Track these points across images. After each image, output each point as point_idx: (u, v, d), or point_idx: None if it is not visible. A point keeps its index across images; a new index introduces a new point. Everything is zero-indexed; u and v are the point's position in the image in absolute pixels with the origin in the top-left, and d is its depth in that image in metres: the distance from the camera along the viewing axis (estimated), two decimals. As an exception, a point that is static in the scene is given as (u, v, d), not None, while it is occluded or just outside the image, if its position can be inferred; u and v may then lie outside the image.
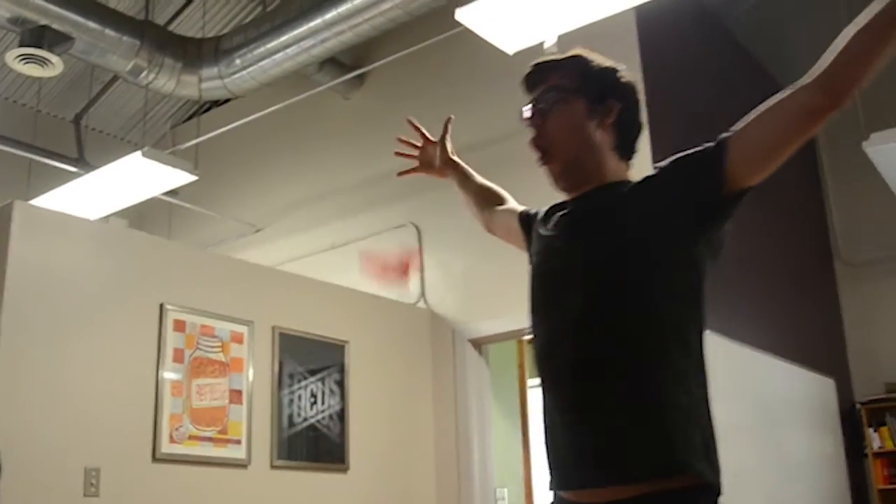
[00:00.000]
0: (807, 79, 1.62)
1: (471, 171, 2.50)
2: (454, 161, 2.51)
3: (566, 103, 1.86)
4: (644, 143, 5.52)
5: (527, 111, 1.92)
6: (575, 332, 1.73)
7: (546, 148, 1.89)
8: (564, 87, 1.87)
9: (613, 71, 1.91)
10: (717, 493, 1.68)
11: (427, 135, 2.55)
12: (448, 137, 2.53)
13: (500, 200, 2.40)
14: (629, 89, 1.92)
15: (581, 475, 1.69)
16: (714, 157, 1.68)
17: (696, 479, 1.62)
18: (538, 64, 1.93)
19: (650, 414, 1.63)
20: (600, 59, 1.93)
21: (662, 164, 1.82)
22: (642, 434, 1.62)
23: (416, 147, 2.56)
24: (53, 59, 5.10)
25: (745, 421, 5.34)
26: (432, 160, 2.53)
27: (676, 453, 1.61)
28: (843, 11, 5.82)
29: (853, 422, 6.69)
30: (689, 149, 1.78)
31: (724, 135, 1.70)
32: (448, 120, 2.49)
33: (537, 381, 1.85)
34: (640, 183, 1.83)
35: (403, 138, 2.58)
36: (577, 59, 1.92)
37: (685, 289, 1.73)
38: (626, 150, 1.91)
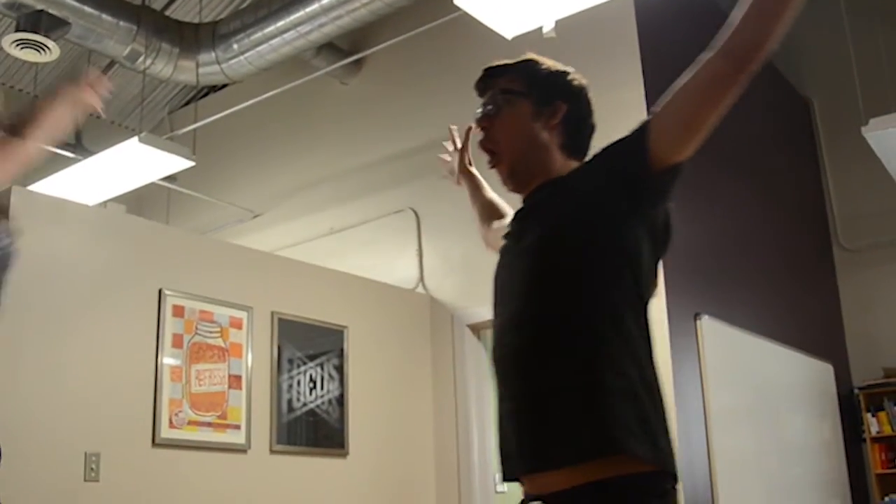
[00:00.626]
0: (716, 47, 1.65)
1: (484, 183, 2.53)
2: (470, 171, 2.57)
3: (512, 106, 1.92)
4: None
5: (477, 115, 1.98)
6: (513, 325, 1.76)
7: (493, 150, 1.94)
8: (511, 90, 1.93)
9: (562, 74, 1.96)
10: (668, 479, 1.66)
11: (457, 141, 2.60)
12: (468, 146, 2.56)
13: (501, 216, 2.41)
14: (578, 91, 1.96)
15: (520, 463, 1.71)
16: (636, 138, 1.72)
17: (637, 465, 1.60)
18: (487, 69, 2.00)
19: (580, 398, 1.62)
20: (550, 64, 1.98)
21: (594, 152, 1.87)
22: (571, 418, 1.62)
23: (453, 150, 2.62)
24: (50, 44, 5.08)
25: (744, 406, 5.35)
26: (453, 167, 2.61)
27: (607, 436, 1.60)
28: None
29: (851, 407, 6.70)
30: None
31: (648, 115, 1.75)
32: (468, 129, 2.50)
33: None
34: (571, 173, 1.87)
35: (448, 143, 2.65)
36: (526, 64, 1.98)
37: (618, 274, 1.72)
38: (576, 149, 1.93)
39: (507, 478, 1.75)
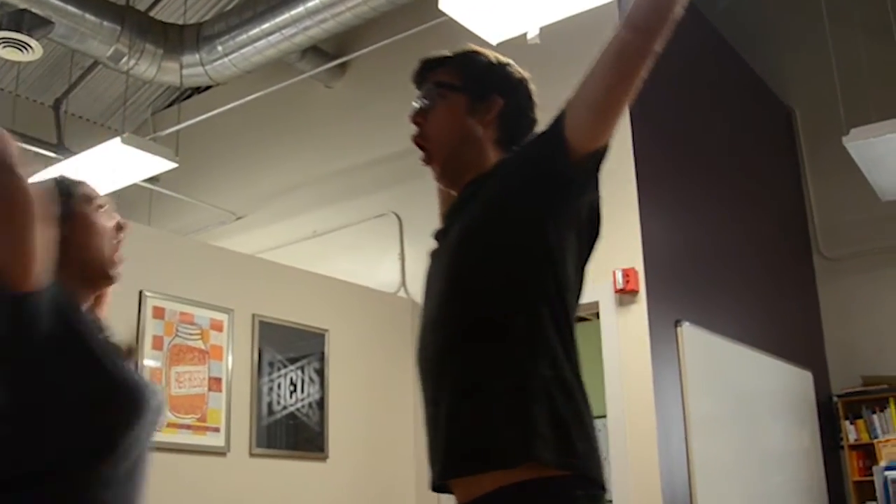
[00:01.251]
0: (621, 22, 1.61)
1: None
2: None
3: (446, 100, 1.85)
4: (626, 130, 5.54)
5: (412, 108, 1.90)
6: (433, 326, 1.70)
7: (425, 146, 1.87)
8: (448, 83, 1.86)
9: (501, 66, 1.90)
10: (582, 485, 1.55)
11: None
12: None
13: None
14: (517, 84, 1.89)
15: (438, 470, 1.64)
16: (552, 128, 1.65)
17: (545, 470, 1.51)
18: (424, 60, 1.93)
19: (491, 401, 1.56)
20: (490, 55, 1.91)
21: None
22: (482, 422, 1.56)
23: None
24: (33, 43, 5.06)
25: (724, 413, 5.37)
26: None
27: (514, 440, 1.52)
28: (825, 6, 5.86)
29: (830, 414, 6.74)
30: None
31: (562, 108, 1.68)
32: None
33: None
34: (494, 168, 1.79)
35: None
36: (464, 56, 1.91)
37: (537, 272, 1.65)
38: (512, 145, 1.85)
39: (433, 486, 1.69)
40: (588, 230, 1.75)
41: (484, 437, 1.55)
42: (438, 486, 1.67)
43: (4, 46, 5.06)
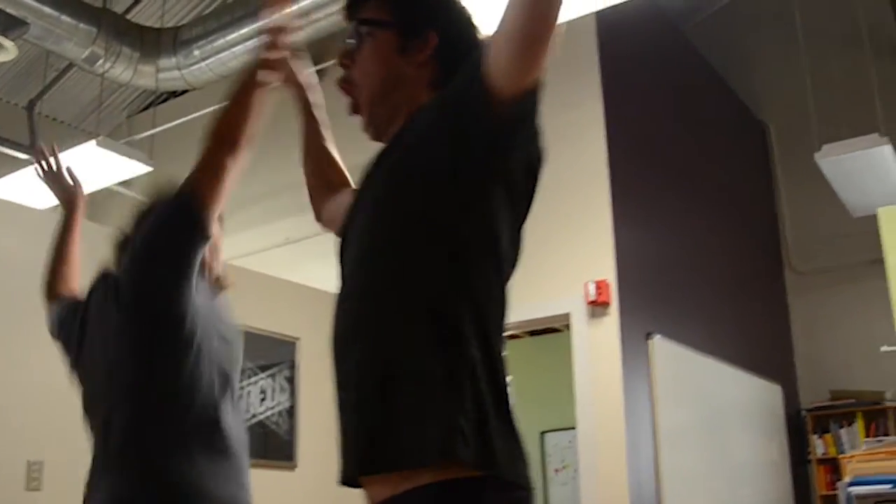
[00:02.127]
0: None
1: (325, 126, 2.16)
2: (308, 97, 2.19)
3: (374, 39, 1.61)
4: (601, 142, 5.55)
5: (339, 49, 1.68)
6: (347, 300, 1.52)
7: (350, 92, 1.66)
8: (374, 20, 1.62)
9: None
10: (500, 487, 1.34)
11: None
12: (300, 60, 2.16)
13: (343, 182, 2.04)
14: (456, 15, 1.65)
15: (344, 465, 1.49)
16: (471, 68, 1.42)
17: (460, 470, 1.31)
18: None
19: (400, 388, 1.36)
20: None
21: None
22: (389, 414, 1.36)
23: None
24: (7, 43, 5.02)
25: (692, 425, 5.40)
26: (293, 72, 2.19)
27: (428, 436, 1.32)
28: (799, 22, 5.92)
29: (798, 428, 6.79)
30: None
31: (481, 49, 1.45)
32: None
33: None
34: (416, 114, 1.55)
35: None
36: None
37: (466, 237, 1.42)
38: None
39: (342, 480, 1.51)
40: (525, 187, 1.52)
41: (395, 432, 1.35)
42: (348, 482, 1.49)
43: (-22, 46, 5.02)
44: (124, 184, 6.29)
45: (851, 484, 3.37)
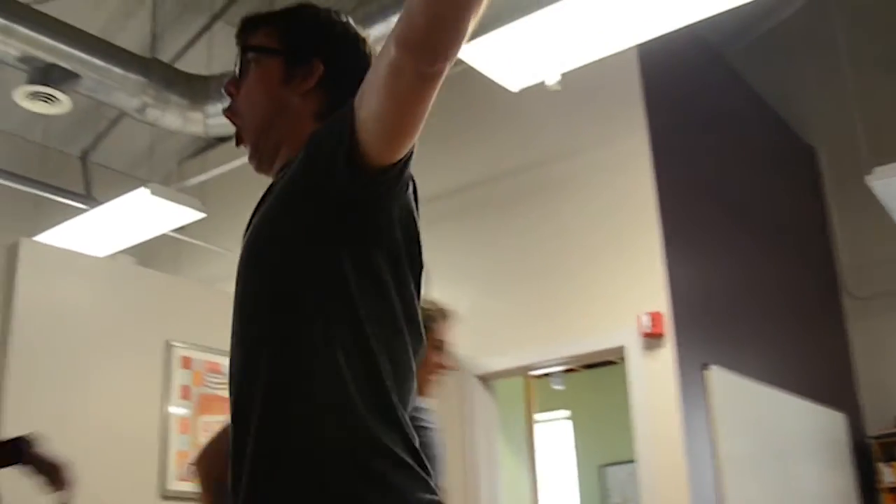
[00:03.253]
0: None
1: None
2: None
3: (259, 66, 1.55)
4: (648, 174, 5.53)
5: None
6: (234, 356, 1.42)
7: (235, 121, 1.59)
8: (260, 46, 1.56)
9: (329, 24, 1.58)
10: None
11: None
12: None
13: None
14: (346, 45, 1.57)
15: None
16: (340, 132, 1.33)
17: None
18: (243, 20, 1.62)
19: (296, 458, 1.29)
20: (321, 12, 1.60)
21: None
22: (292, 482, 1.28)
23: None
24: (61, 96, 5.14)
25: (754, 456, 5.30)
26: None
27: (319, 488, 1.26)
28: (843, 45, 5.86)
29: (864, 456, 6.64)
30: None
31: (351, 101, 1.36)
32: None
33: (546, 416, 1.71)
34: (296, 158, 1.46)
35: None
36: (286, 13, 1.60)
37: (323, 300, 1.35)
38: None
39: None
40: (406, 246, 1.47)
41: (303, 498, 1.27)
42: None
43: (33, 99, 5.13)
44: (177, 229, 6.37)
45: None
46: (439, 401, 2.57)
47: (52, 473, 2.24)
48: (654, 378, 4.81)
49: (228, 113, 1.60)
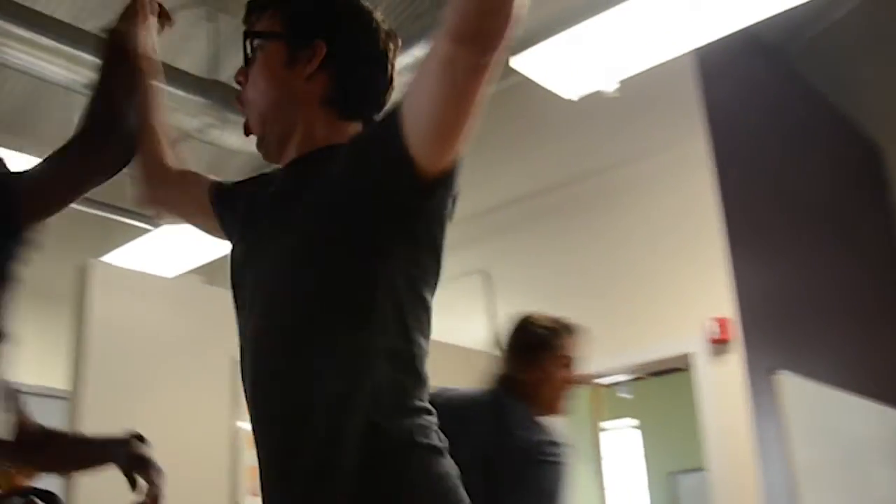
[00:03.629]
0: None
1: (159, 73, 1.86)
2: (147, 56, 1.82)
3: (264, 52, 1.51)
4: (709, 178, 5.47)
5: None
6: (273, 344, 1.42)
7: (243, 111, 1.57)
8: (264, 32, 1.51)
9: (332, 2, 1.52)
10: None
11: None
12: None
13: (181, 161, 1.81)
14: (351, 22, 1.50)
15: None
16: (392, 138, 1.30)
17: None
18: (249, 3, 1.57)
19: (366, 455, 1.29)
20: None
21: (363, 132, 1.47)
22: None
23: None
24: (126, 120, 5.24)
25: (829, 462, 5.21)
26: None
27: None
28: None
29: (942, 460, 6.48)
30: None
31: (398, 107, 1.33)
32: None
33: (613, 424, 1.74)
34: (345, 146, 1.42)
35: None
36: None
37: (358, 305, 1.35)
38: (347, 106, 1.50)
39: None
40: (439, 242, 1.45)
41: None
42: None
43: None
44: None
45: None
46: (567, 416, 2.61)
47: (145, 473, 2.27)
48: (722, 384, 4.76)
49: (237, 103, 1.57)
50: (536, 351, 2.70)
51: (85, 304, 3.92)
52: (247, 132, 1.59)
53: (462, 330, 5.95)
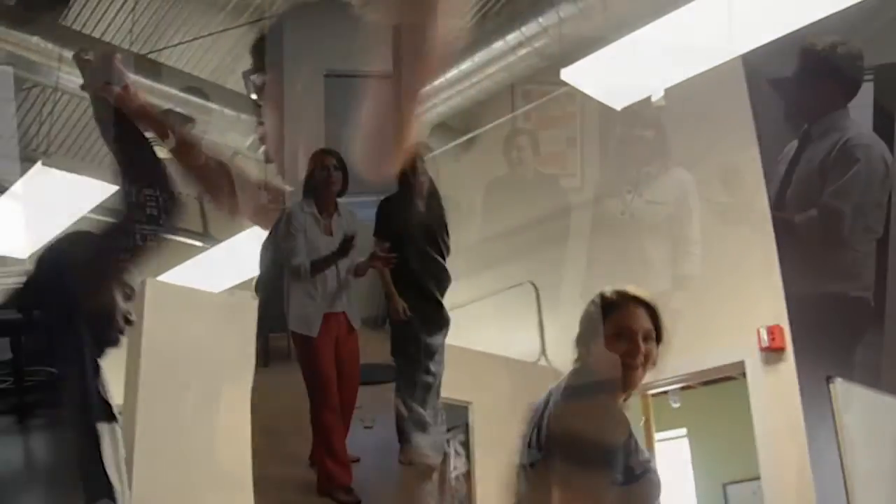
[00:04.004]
0: None
1: None
2: None
3: None
4: (760, 185, 5.38)
5: None
6: None
7: None
8: None
9: None
10: None
11: None
12: None
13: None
14: None
15: None
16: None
17: None
18: None
19: None
20: None
21: None
22: None
23: None
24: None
25: (884, 471, 5.13)
26: None
27: None
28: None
29: None
30: None
31: None
32: None
33: (665, 434, 1.71)
34: None
35: None
36: None
37: None
38: None
39: None
40: None
41: None
42: None
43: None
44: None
45: None
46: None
47: None
48: (775, 393, 4.71)
49: None
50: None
51: (140, 323, 3.99)
52: None
53: (513, 341, 5.95)
